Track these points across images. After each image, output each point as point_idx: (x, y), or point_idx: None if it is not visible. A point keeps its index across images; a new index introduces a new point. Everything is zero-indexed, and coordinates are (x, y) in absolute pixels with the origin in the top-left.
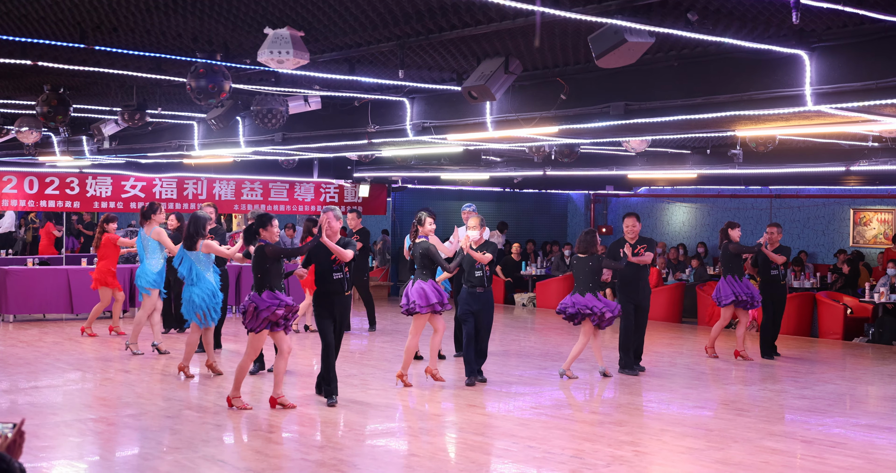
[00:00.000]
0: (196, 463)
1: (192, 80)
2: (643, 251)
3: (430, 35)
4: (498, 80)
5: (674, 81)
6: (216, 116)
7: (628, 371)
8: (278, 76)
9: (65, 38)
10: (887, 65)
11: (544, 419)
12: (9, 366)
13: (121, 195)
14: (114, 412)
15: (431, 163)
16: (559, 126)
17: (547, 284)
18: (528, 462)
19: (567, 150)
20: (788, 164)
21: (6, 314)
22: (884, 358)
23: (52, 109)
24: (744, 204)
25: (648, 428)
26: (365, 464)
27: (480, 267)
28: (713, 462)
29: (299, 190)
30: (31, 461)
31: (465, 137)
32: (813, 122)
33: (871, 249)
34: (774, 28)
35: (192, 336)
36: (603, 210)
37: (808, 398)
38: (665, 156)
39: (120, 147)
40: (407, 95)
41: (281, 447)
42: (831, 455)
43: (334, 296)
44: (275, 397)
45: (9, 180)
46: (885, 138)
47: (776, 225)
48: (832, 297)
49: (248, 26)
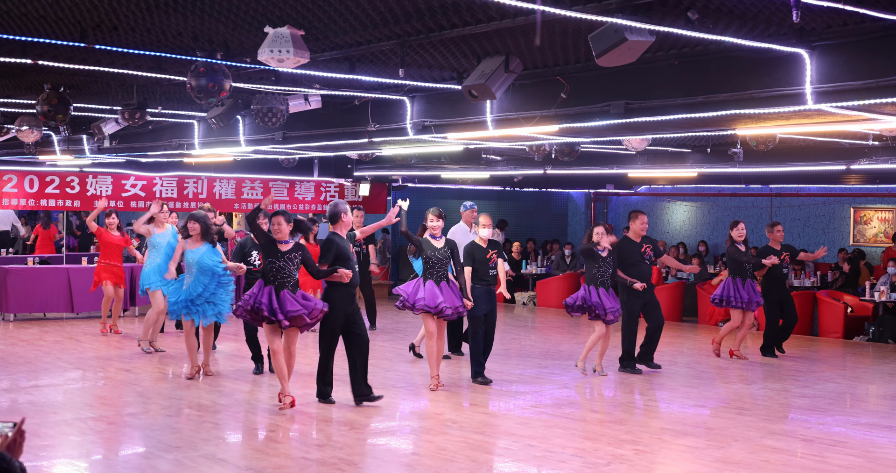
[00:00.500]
0: (197, 462)
1: (193, 79)
2: (649, 251)
3: (431, 34)
4: (498, 78)
5: (674, 79)
6: (216, 114)
7: (630, 370)
8: (278, 75)
9: (65, 37)
10: (888, 64)
11: (545, 417)
12: (9, 365)
13: (121, 194)
14: (114, 411)
15: (432, 162)
16: (559, 125)
17: (547, 283)
18: (528, 461)
19: (567, 148)
20: (789, 162)
21: (7, 312)
22: (884, 357)
23: (53, 108)
24: (744, 203)
25: (649, 427)
26: (366, 463)
27: (495, 265)
28: (713, 460)
29: (299, 189)
30: (32, 460)
31: (465, 135)
32: (813, 120)
33: (872, 247)
34: (775, 27)
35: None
36: (603, 209)
37: (808, 397)
38: (665, 155)
39: (120, 146)
40: (407, 93)
41: (281, 445)
42: (832, 454)
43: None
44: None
45: (9, 178)
46: (885, 137)
47: (778, 223)
48: (833, 296)
49: (248, 25)
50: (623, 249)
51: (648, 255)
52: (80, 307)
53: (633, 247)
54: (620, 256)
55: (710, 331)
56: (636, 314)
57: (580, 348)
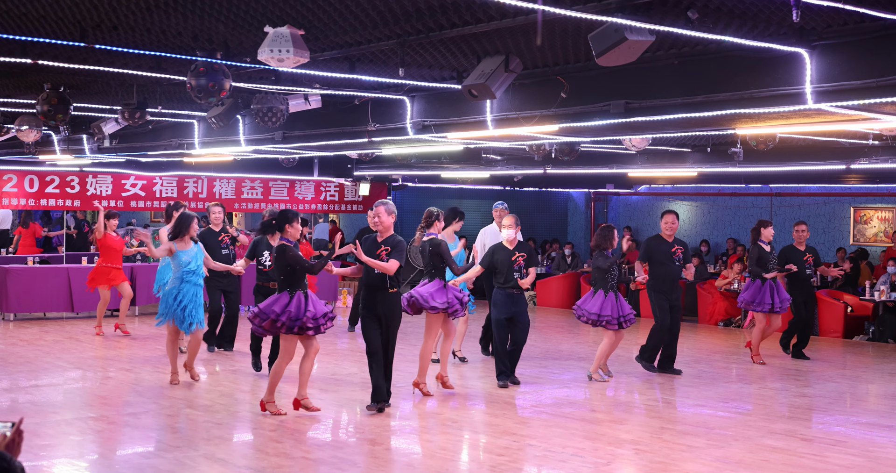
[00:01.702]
0: (196, 462)
1: (193, 78)
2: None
3: (431, 33)
4: (498, 78)
5: (674, 79)
6: (216, 114)
7: (644, 364)
8: (278, 75)
9: (65, 36)
10: (888, 63)
11: (545, 417)
12: (9, 365)
13: (121, 194)
14: (114, 411)
15: (432, 161)
16: (559, 124)
17: (547, 282)
18: (529, 461)
19: (567, 148)
20: (789, 162)
21: (7, 312)
22: (884, 356)
23: (53, 108)
24: (744, 202)
25: (649, 427)
26: (366, 463)
27: (519, 268)
28: (713, 460)
29: (299, 188)
30: (32, 459)
31: (465, 135)
32: (813, 120)
33: (871, 247)
34: (775, 26)
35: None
36: (603, 208)
37: (808, 397)
38: (665, 154)
39: (120, 146)
40: (407, 93)
41: (281, 445)
42: (832, 453)
43: (377, 292)
44: (299, 398)
45: (9, 178)
46: (885, 137)
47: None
48: (833, 295)
49: (248, 25)
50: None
51: (678, 256)
52: (80, 307)
53: (665, 247)
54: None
55: (710, 331)
56: (666, 311)
57: (580, 347)
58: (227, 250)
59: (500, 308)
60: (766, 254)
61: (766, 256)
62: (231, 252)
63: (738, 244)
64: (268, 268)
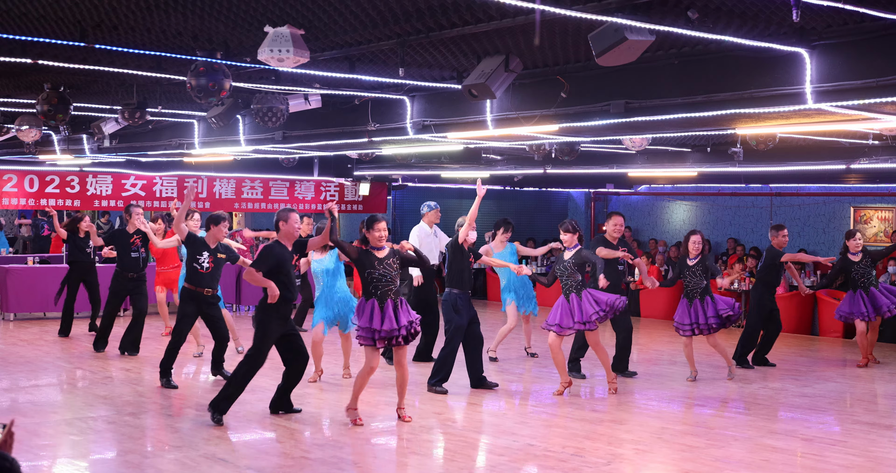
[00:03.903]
0: (197, 462)
1: (193, 78)
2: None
3: (431, 33)
4: (498, 78)
5: (674, 79)
6: (216, 114)
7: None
8: (278, 74)
9: (65, 36)
10: (888, 63)
11: (545, 417)
12: (9, 364)
13: (121, 194)
14: (114, 411)
15: (432, 161)
16: (559, 124)
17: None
18: (529, 460)
19: (567, 148)
20: (789, 162)
21: (7, 312)
22: (884, 356)
23: (53, 108)
24: (744, 202)
25: (649, 426)
26: (365, 462)
27: (472, 271)
28: (713, 460)
29: (299, 188)
30: (32, 459)
31: (465, 135)
32: (813, 120)
33: (872, 247)
34: (775, 26)
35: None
36: (603, 208)
37: (808, 397)
38: (665, 154)
39: (120, 145)
40: (407, 93)
41: (281, 445)
42: (832, 453)
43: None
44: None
45: (9, 178)
46: (885, 136)
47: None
48: (832, 295)
49: (248, 25)
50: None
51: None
52: (80, 307)
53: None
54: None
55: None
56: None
57: None
58: (137, 253)
59: (460, 313)
60: (849, 264)
61: (849, 266)
62: (140, 255)
63: (738, 244)
64: (205, 270)
